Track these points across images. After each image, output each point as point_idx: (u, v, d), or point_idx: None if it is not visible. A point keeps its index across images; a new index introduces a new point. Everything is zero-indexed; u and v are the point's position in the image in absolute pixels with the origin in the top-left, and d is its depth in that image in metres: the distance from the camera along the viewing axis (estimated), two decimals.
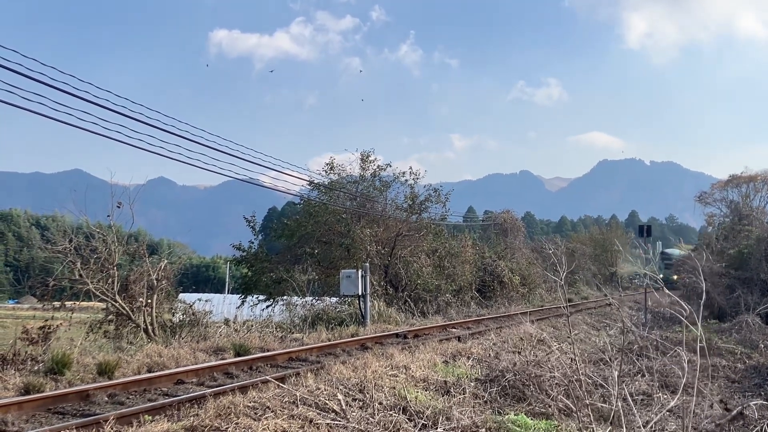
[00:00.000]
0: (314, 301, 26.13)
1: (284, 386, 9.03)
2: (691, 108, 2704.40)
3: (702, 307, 8.12)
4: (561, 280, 10.19)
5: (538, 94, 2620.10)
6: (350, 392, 9.15)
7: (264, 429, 7.36)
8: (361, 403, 8.76)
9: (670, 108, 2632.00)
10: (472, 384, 11.14)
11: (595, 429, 7.95)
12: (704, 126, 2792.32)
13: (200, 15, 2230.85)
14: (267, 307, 29.28)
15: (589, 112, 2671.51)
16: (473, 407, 9.58)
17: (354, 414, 8.20)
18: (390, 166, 32.88)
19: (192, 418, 7.92)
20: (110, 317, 18.32)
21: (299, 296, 26.14)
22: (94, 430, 8.07)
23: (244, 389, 9.94)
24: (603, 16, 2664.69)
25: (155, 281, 18.58)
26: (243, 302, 30.70)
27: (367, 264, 23.77)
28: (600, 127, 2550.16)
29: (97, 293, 17.58)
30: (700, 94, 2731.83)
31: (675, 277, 41.24)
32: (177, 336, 17.70)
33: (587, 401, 8.90)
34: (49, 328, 14.58)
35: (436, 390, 10.60)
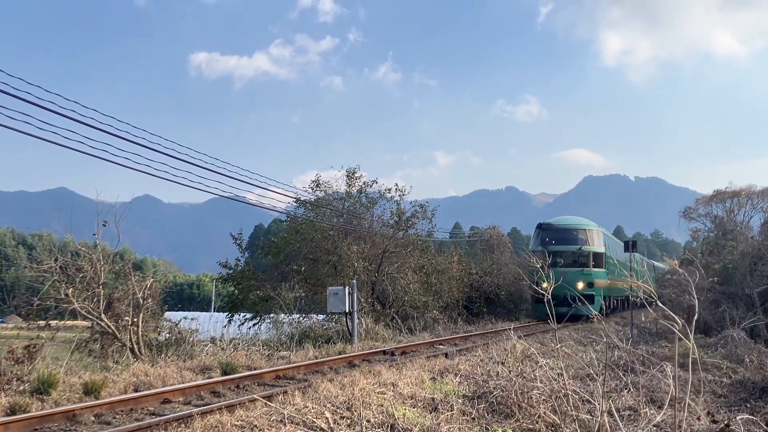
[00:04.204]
0: (301, 318, 26.06)
1: (272, 404, 9.01)
2: (674, 124, 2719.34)
3: (693, 323, 8.22)
4: (548, 294, 10.26)
5: (518, 111, 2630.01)
6: (338, 410, 9.14)
7: None
8: (348, 421, 8.75)
9: (652, 124, 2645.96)
10: (460, 400, 11.14)
11: None
12: (687, 142, 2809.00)
13: (180, 38, 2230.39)
14: (254, 325, 29.16)
15: (570, 129, 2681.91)
16: (461, 424, 9.58)
17: None
18: (376, 182, 32.95)
19: None
20: (96, 336, 18.21)
21: (286, 314, 26.05)
22: None
23: (231, 408, 9.91)
24: (580, 33, 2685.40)
25: (141, 300, 18.50)
26: (230, 320, 30.55)
27: (354, 281, 23.75)
28: (582, 144, 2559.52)
29: (83, 312, 17.49)
30: (682, 110, 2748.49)
31: (581, 285, 29.51)
32: (163, 355, 17.60)
33: (574, 416, 8.94)
34: (34, 348, 14.48)
35: (423, 407, 10.59)
